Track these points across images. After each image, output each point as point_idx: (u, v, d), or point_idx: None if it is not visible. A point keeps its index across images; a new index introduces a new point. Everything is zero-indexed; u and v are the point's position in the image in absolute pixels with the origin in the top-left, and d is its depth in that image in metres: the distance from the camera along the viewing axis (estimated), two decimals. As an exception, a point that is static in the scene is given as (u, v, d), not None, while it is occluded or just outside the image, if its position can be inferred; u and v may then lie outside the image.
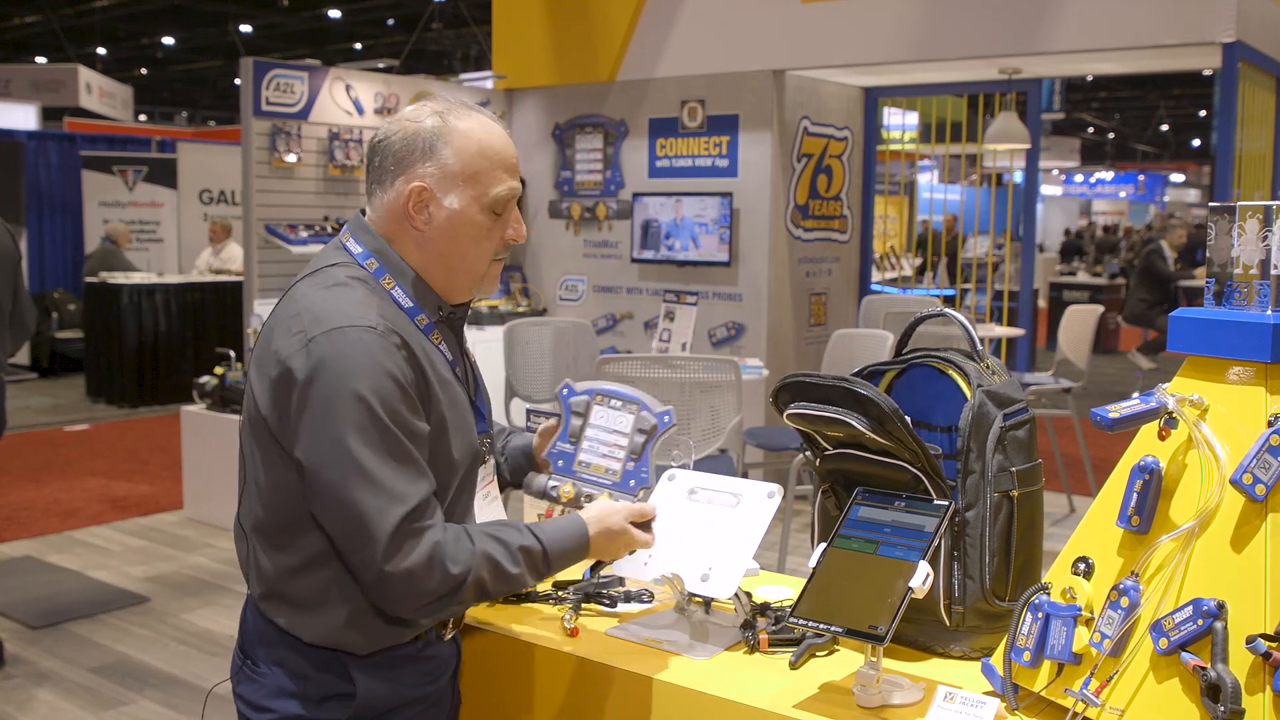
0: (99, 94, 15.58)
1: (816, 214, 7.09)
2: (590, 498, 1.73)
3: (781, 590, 2.00)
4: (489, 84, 8.00)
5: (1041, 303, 13.68)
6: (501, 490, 1.88)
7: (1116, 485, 1.46)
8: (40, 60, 20.87)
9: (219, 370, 6.18)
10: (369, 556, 1.48)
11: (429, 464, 1.55)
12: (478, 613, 1.89)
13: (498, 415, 5.66)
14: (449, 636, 1.73)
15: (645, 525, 1.74)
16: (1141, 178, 32.40)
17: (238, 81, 7.30)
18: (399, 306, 1.60)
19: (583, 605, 1.92)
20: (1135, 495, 1.41)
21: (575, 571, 2.07)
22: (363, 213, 1.68)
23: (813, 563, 1.62)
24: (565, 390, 1.75)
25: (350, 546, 1.50)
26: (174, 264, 12.03)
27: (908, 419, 1.63)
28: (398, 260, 1.63)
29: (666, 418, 1.69)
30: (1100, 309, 7.53)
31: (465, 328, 1.78)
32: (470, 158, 1.60)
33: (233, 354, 6.29)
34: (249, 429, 1.60)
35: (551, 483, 1.81)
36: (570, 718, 1.76)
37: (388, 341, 1.51)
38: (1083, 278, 16.01)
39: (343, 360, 1.48)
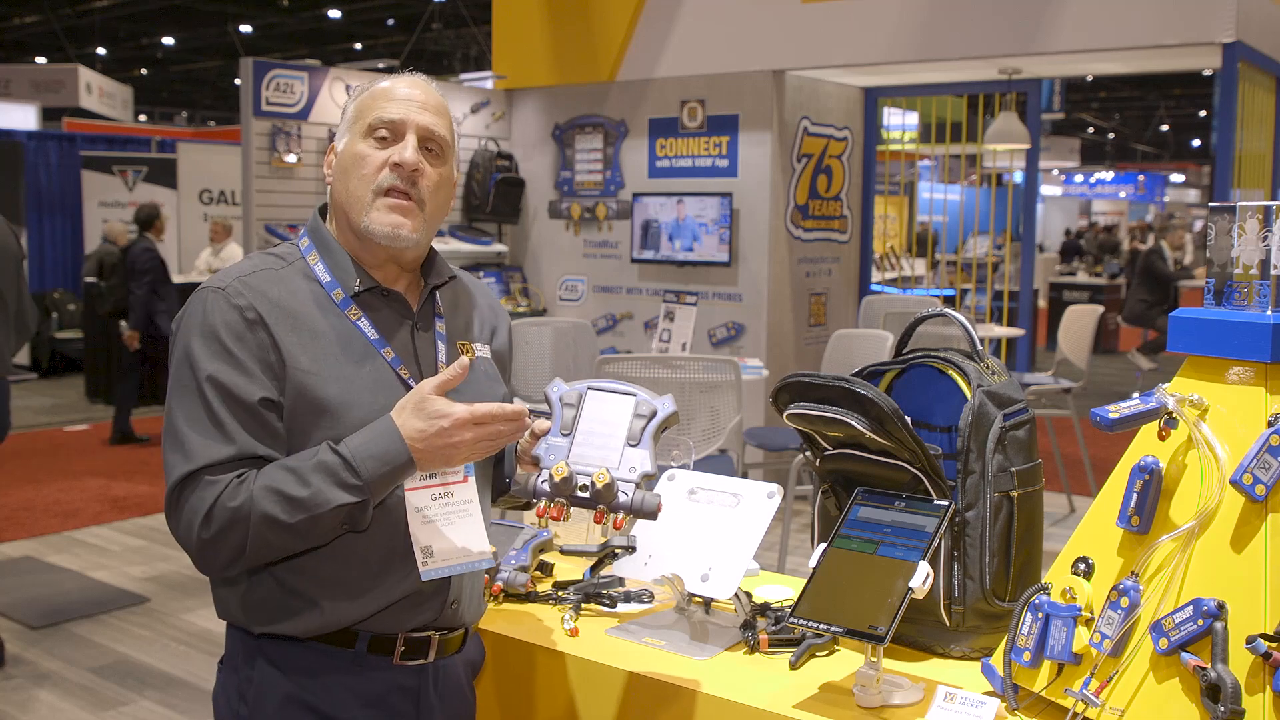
0: (99, 94, 15.59)
1: (816, 214, 7.09)
2: (589, 485, 1.51)
3: (781, 590, 2.00)
4: (489, 84, 7.99)
5: (1041, 303, 13.68)
6: (494, 502, 1.80)
7: (1116, 485, 1.46)
8: (40, 60, 20.89)
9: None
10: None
11: (285, 433, 1.49)
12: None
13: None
14: (400, 659, 1.58)
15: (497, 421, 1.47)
16: (1141, 178, 32.38)
17: (238, 81, 7.30)
18: (318, 281, 1.57)
19: (583, 605, 1.92)
20: (1135, 495, 1.41)
21: (576, 572, 2.08)
22: None
23: (813, 563, 1.62)
24: (555, 387, 1.62)
25: None
26: (174, 264, 11.99)
27: (908, 419, 1.63)
28: (325, 235, 1.62)
29: (666, 404, 1.60)
30: (1100, 309, 7.54)
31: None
32: (360, 102, 1.61)
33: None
34: None
35: (543, 467, 1.57)
36: (570, 718, 1.76)
37: (228, 302, 1.49)
38: (1083, 278, 16.01)
39: (180, 319, 1.53)
